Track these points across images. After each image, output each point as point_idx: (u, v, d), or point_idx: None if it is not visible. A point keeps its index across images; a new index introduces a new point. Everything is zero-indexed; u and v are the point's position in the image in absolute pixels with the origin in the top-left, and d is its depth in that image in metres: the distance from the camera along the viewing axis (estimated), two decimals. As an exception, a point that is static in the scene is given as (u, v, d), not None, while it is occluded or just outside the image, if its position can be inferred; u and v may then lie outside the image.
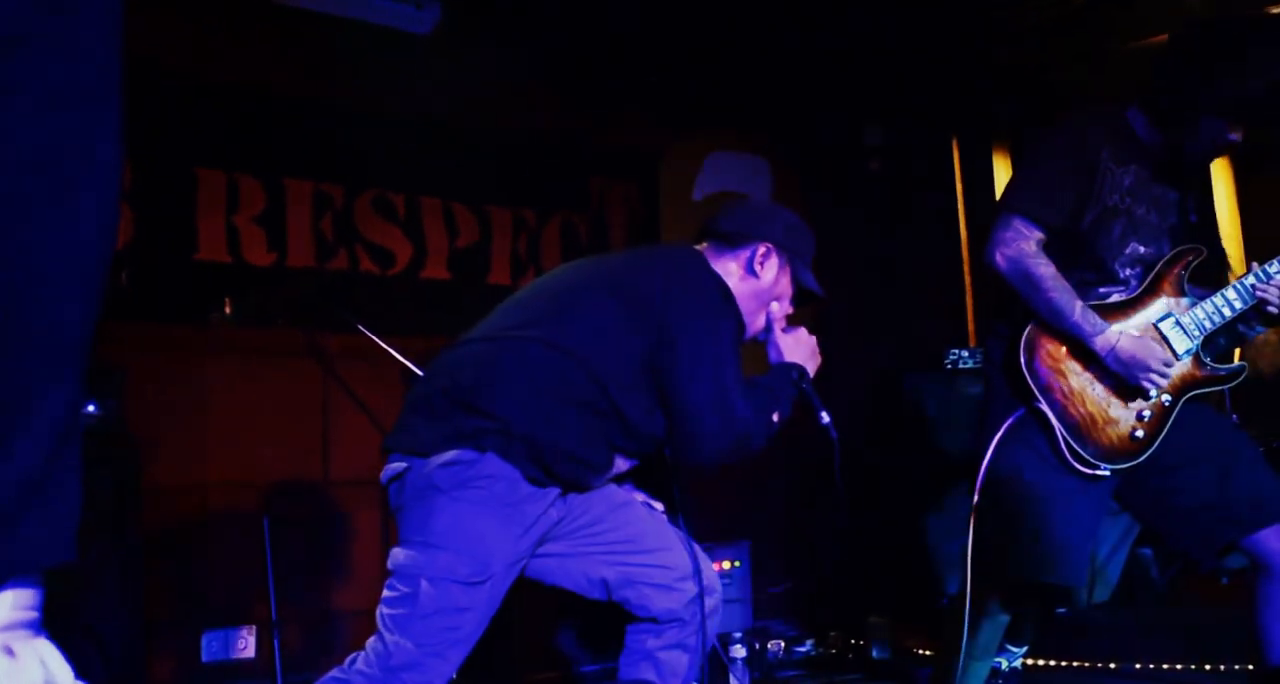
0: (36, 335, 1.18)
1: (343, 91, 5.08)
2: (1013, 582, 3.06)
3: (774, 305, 2.89)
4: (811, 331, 2.94)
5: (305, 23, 4.92)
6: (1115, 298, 3.02)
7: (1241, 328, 5.19)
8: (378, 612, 2.47)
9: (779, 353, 2.88)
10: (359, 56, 5.08)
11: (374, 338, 4.17)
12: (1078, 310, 2.92)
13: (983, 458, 3.01)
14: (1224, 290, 2.95)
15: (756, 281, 2.85)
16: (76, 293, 1.21)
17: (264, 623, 4.44)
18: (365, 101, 5.15)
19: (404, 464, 2.50)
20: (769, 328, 2.90)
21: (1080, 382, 2.95)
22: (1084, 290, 3.00)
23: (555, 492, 2.56)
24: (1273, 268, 2.96)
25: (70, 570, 1.20)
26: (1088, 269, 3.02)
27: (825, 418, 2.80)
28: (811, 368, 2.88)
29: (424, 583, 2.40)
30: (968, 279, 6.62)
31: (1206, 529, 2.95)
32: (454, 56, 5.30)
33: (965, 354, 5.51)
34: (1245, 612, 2.96)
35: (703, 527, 4.80)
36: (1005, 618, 3.21)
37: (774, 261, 2.86)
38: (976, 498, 2.99)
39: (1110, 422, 2.94)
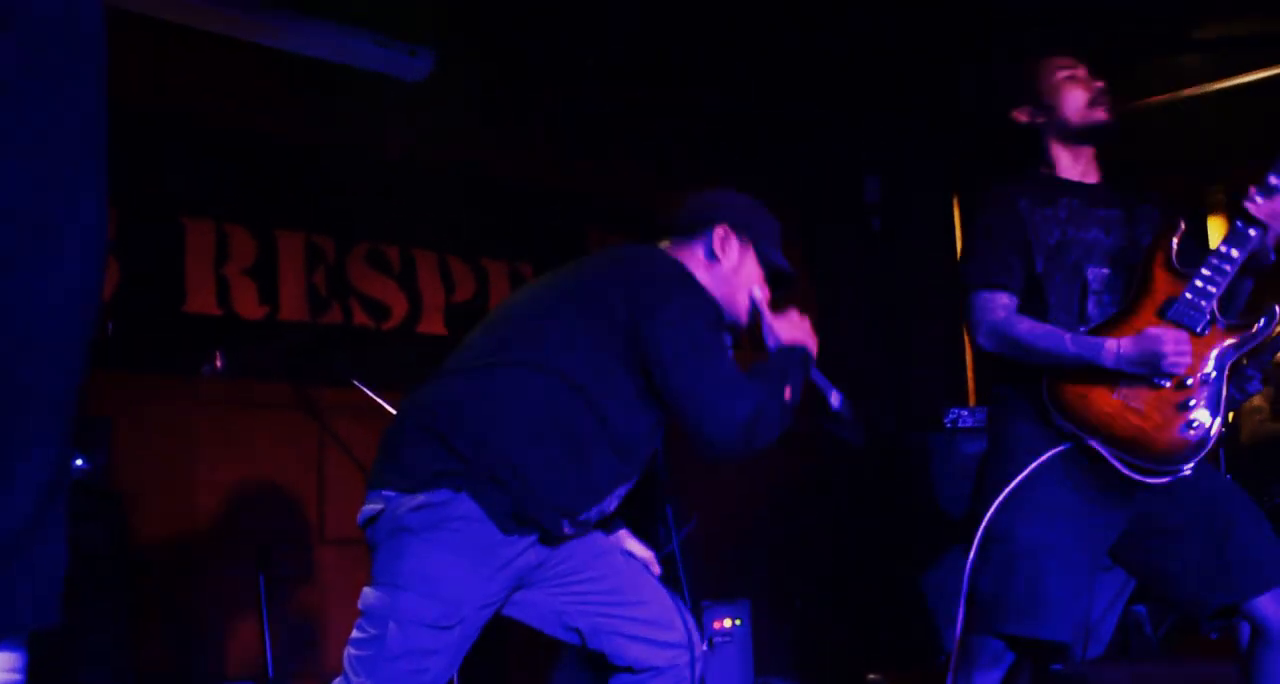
0: (17, 393, 1.16)
1: (335, 139, 5.05)
2: (1005, 637, 2.99)
3: (755, 290, 2.80)
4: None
5: (297, 69, 4.90)
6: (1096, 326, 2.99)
7: (1233, 390, 5.17)
8: (345, 653, 2.43)
9: (775, 337, 2.77)
10: (351, 104, 5.05)
11: (369, 392, 4.13)
12: (1069, 342, 2.89)
13: (984, 515, 2.95)
14: (1217, 246, 2.86)
15: (719, 266, 2.76)
16: (60, 348, 1.19)
17: (260, 682, 4.36)
18: (358, 150, 5.12)
19: (379, 505, 2.46)
20: (757, 313, 2.80)
21: (1115, 402, 2.88)
22: None
23: (533, 536, 2.49)
24: (1257, 198, 2.86)
25: (57, 630, 1.18)
26: (1058, 312, 3.01)
27: (836, 400, 2.73)
28: (811, 348, 2.77)
29: (391, 625, 2.36)
30: (967, 338, 6.60)
31: (1201, 592, 2.90)
32: (448, 104, 5.28)
33: (965, 413, 5.51)
34: (1241, 677, 2.92)
35: (703, 586, 4.78)
36: (998, 674, 3.14)
37: (734, 243, 2.78)
38: (974, 553, 2.94)
39: (1161, 425, 2.85)
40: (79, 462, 3.91)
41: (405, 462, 2.44)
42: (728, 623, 4.80)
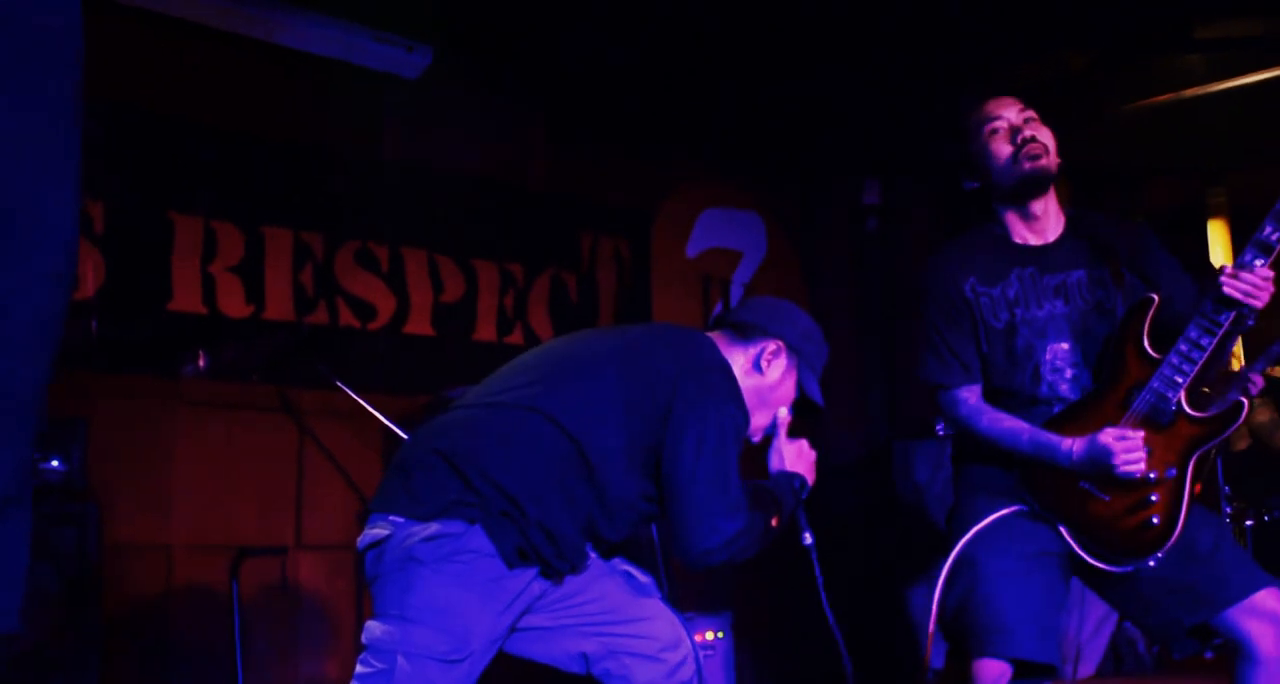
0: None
1: (327, 136, 5.00)
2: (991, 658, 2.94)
3: (781, 411, 2.80)
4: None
5: (290, 64, 4.85)
6: (1058, 408, 2.93)
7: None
8: None
9: (781, 460, 2.79)
10: (345, 100, 4.99)
11: (353, 395, 4.09)
12: (1026, 441, 2.87)
13: (952, 548, 2.93)
14: (1186, 329, 2.76)
15: (761, 378, 2.75)
16: (25, 350, 1.17)
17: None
18: (350, 148, 5.07)
19: (386, 531, 2.41)
20: (773, 432, 2.81)
21: (1081, 489, 2.86)
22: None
23: (535, 570, 2.46)
24: (1225, 273, 2.76)
25: (21, 635, 1.17)
26: (1010, 397, 2.97)
27: (809, 539, 2.74)
28: (809, 481, 2.81)
29: (400, 659, 2.32)
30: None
31: (1171, 614, 2.88)
32: (444, 103, 5.22)
33: (956, 423, 5.44)
34: None
35: (685, 597, 4.73)
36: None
37: (782, 361, 2.77)
38: (940, 586, 2.92)
39: (1123, 518, 2.83)
40: (54, 463, 3.85)
41: (418, 488, 2.41)
42: (710, 635, 4.77)
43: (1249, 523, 5.74)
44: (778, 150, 6.48)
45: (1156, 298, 2.85)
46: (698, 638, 4.78)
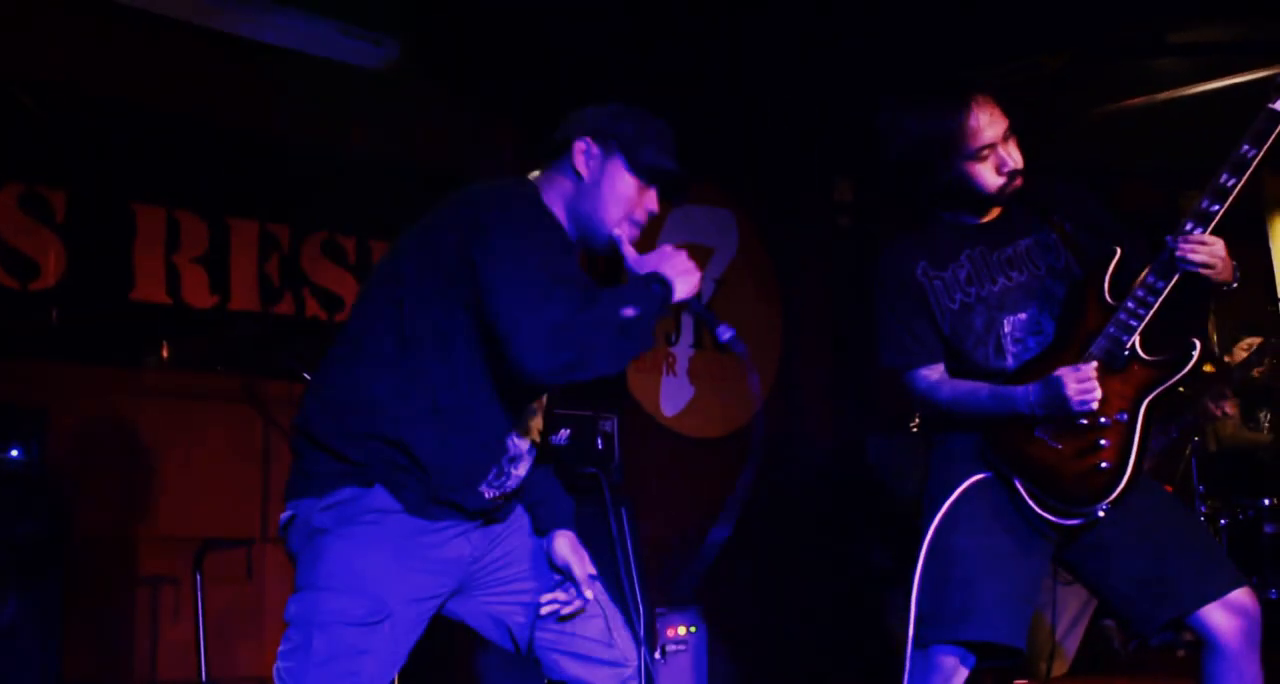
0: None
1: (293, 127, 4.97)
2: (952, 644, 2.94)
3: (624, 227, 2.52)
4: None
5: (256, 54, 4.82)
6: (1020, 369, 2.96)
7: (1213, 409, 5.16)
8: (274, 667, 2.32)
9: (634, 267, 2.47)
10: (311, 92, 4.96)
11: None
12: (987, 397, 2.91)
13: (926, 531, 2.94)
14: (1143, 275, 2.79)
15: (583, 183, 2.53)
16: None
17: (191, 684, 4.30)
18: (316, 139, 5.03)
19: (291, 512, 2.39)
20: (618, 245, 2.51)
21: (1037, 439, 2.88)
22: None
23: (457, 521, 2.40)
24: (1186, 228, 2.78)
25: None
26: (976, 375, 2.99)
27: (726, 334, 2.43)
28: (685, 283, 2.44)
29: (315, 630, 2.27)
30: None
31: (1147, 607, 2.89)
32: (410, 95, 5.21)
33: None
34: None
35: (657, 590, 4.72)
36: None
37: (597, 153, 2.52)
38: (919, 571, 2.92)
39: (1073, 461, 2.85)
40: (14, 453, 3.84)
41: (307, 468, 2.37)
42: (682, 630, 4.75)
43: (1223, 522, 5.75)
44: (750, 148, 6.47)
45: (1119, 250, 2.88)
46: (669, 633, 4.77)
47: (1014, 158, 2.93)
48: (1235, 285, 2.83)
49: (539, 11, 5.19)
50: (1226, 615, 2.80)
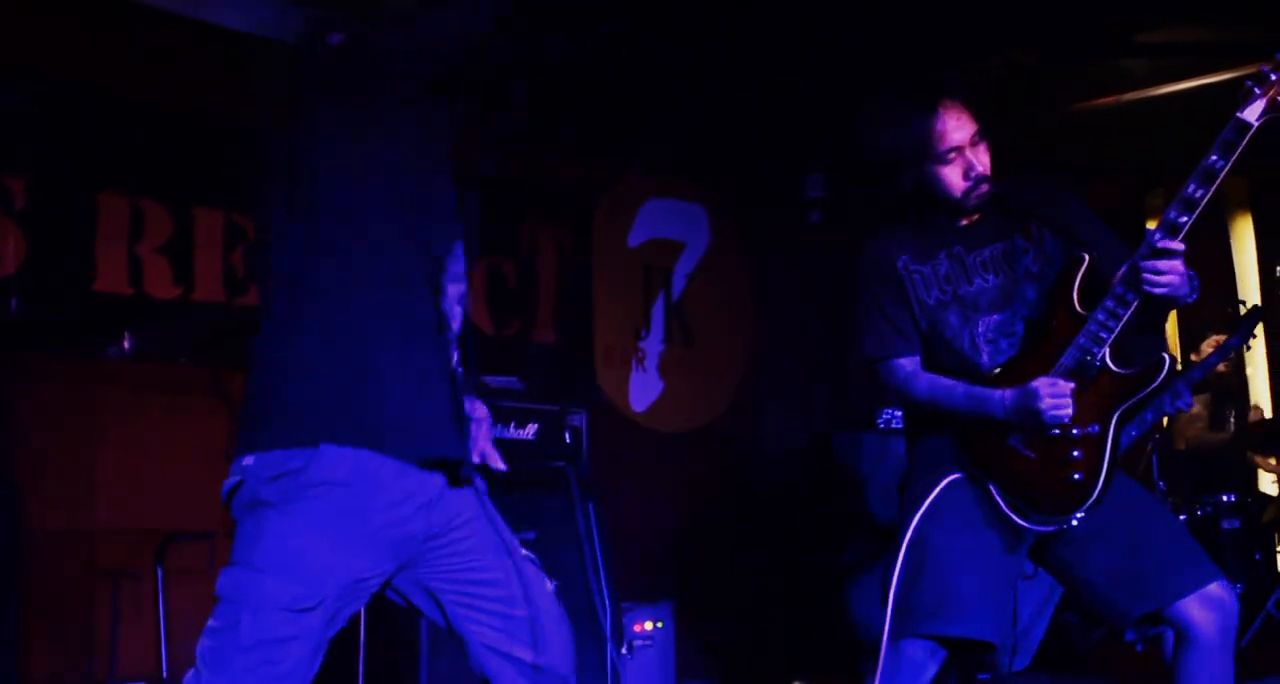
0: None
1: (260, 118, 4.87)
2: (928, 638, 2.96)
3: None
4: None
5: (223, 41, 4.75)
6: (998, 371, 3.00)
7: (1167, 405, 5.19)
8: (198, 645, 2.25)
9: None
10: (280, 82, 4.88)
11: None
12: (963, 396, 2.95)
13: (903, 527, 2.97)
14: (1113, 286, 2.81)
15: None
16: None
17: (153, 682, 4.23)
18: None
19: (236, 477, 2.31)
20: None
21: (1009, 446, 2.93)
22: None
23: (411, 495, 2.32)
24: (1154, 238, 2.78)
25: None
26: (950, 372, 3.03)
27: None
28: None
29: (245, 611, 2.20)
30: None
31: (1121, 601, 2.91)
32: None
33: (899, 413, 5.47)
34: (1166, 681, 2.93)
35: (624, 586, 4.69)
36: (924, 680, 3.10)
37: None
38: (899, 565, 2.94)
39: (1047, 472, 2.89)
40: (-28, 444, 3.79)
41: (246, 429, 2.33)
42: (649, 625, 4.73)
43: (1183, 518, 5.80)
44: (722, 142, 6.46)
45: (1087, 257, 2.90)
46: (636, 628, 4.76)
47: (981, 162, 2.96)
48: (1194, 298, 2.84)
49: (513, 4, 5.15)
50: (1203, 609, 2.81)
